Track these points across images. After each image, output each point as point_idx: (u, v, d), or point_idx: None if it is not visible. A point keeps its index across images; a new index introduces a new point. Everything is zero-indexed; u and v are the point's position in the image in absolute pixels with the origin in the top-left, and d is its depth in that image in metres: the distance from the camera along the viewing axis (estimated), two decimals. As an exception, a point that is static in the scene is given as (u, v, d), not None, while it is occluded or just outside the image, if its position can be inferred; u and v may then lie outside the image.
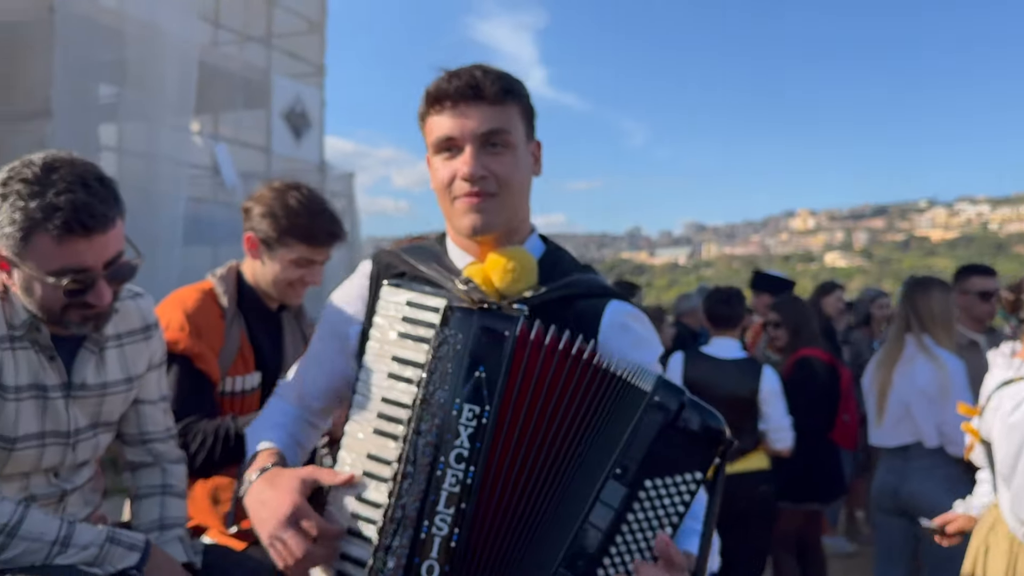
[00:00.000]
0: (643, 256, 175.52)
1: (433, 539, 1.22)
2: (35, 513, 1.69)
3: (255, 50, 10.78)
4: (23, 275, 1.69)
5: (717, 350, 4.03)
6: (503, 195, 1.44)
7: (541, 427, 1.25)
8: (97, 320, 1.78)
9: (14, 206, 1.62)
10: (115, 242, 1.73)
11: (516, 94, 1.46)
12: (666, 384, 1.24)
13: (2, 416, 1.74)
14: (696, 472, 1.20)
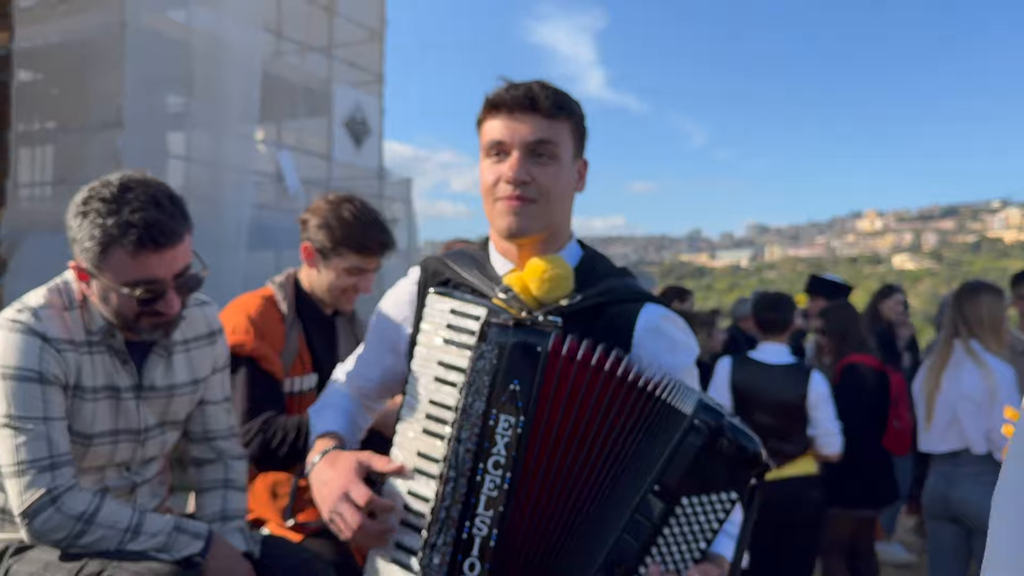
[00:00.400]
0: (703, 258, 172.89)
1: (474, 539, 1.32)
2: (110, 502, 1.84)
3: (316, 60, 11.04)
4: (101, 285, 1.84)
5: (765, 355, 4.05)
6: (542, 202, 1.53)
7: (576, 437, 1.31)
8: (167, 327, 1.93)
9: (93, 223, 1.78)
10: (183, 256, 1.88)
11: (569, 112, 1.55)
12: (706, 407, 1.28)
13: (80, 415, 1.89)
14: (732, 492, 1.25)
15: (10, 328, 1.83)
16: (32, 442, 1.78)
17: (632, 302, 1.56)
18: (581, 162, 1.62)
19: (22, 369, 1.80)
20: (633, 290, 1.59)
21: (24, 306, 1.87)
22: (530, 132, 1.50)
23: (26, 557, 1.85)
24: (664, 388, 1.30)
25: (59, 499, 1.77)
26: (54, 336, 1.85)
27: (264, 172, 10.26)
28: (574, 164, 1.59)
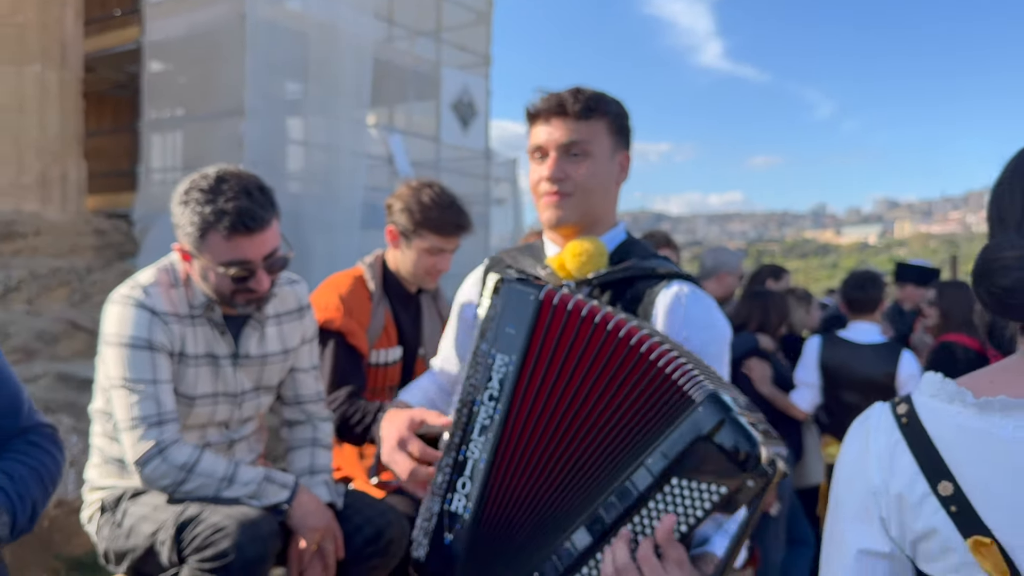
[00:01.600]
0: (828, 235, 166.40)
1: (467, 460, 1.46)
2: (208, 455, 2.09)
3: (425, 44, 11.30)
4: (200, 265, 2.08)
5: (854, 334, 4.03)
6: (578, 195, 1.68)
7: (564, 381, 1.40)
8: (258, 302, 2.16)
9: (193, 211, 2.02)
10: (272, 239, 2.10)
11: (603, 111, 1.69)
12: (714, 398, 1.28)
13: (185, 379, 2.14)
14: (721, 486, 1.25)
15: (124, 303, 2.09)
16: (143, 401, 2.03)
17: (660, 279, 1.67)
18: (623, 155, 1.75)
19: (135, 338, 2.06)
20: (660, 266, 1.70)
21: (136, 284, 2.13)
22: (563, 135, 1.66)
23: (139, 501, 2.12)
24: (683, 374, 1.32)
25: (165, 451, 2.02)
26: (161, 310, 2.10)
27: (376, 155, 10.60)
28: (613, 158, 1.72)
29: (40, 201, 8.86)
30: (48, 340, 8.38)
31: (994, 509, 0.96)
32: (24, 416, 1.69)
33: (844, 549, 1.06)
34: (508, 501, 1.44)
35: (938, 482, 0.99)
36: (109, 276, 8.84)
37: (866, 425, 1.09)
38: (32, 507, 1.58)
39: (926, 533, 1.00)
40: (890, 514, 1.03)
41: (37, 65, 8.74)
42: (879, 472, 1.04)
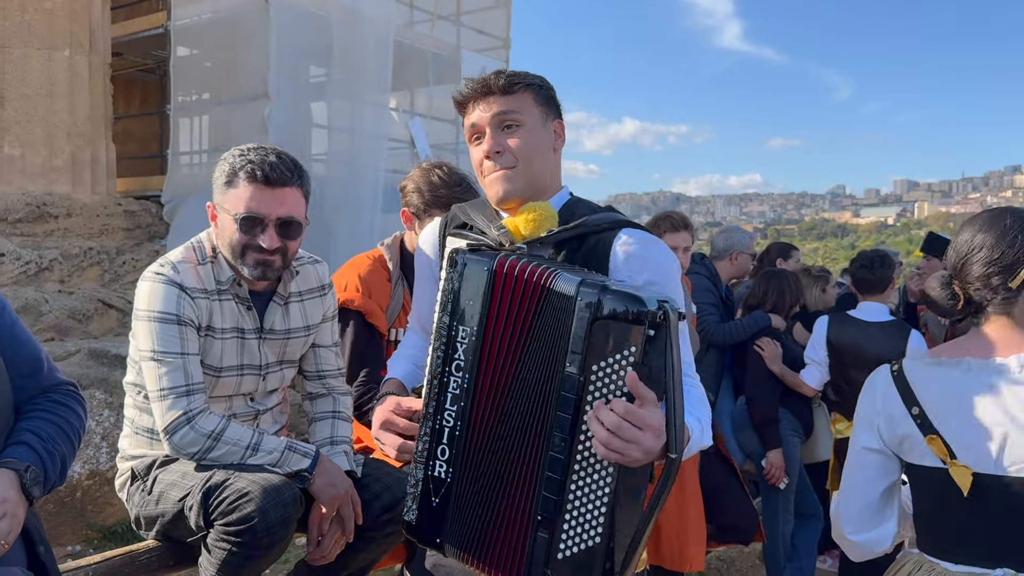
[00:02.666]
0: (847, 216, 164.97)
1: (444, 429, 1.58)
2: (234, 424, 2.22)
3: (445, 28, 11.36)
4: (222, 219, 2.24)
5: (863, 313, 4.10)
6: (520, 165, 1.75)
7: (516, 340, 1.53)
8: (264, 267, 2.25)
9: (227, 162, 2.22)
10: (291, 202, 2.23)
11: (526, 84, 1.77)
12: (587, 283, 1.46)
13: (212, 351, 2.27)
14: (630, 347, 1.40)
15: (154, 280, 2.23)
16: (172, 372, 2.17)
17: (609, 230, 1.74)
18: (556, 123, 1.82)
19: (164, 313, 2.19)
20: (608, 219, 1.76)
21: (166, 261, 2.27)
22: (491, 109, 1.74)
23: (169, 468, 2.26)
24: (548, 277, 1.49)
25: (193, 419, 2.16)
26: (189, 286, 2.23)
27: (397, 138, 10.71)
28: (546, 126, 1.79)
29: (71, 183, 9.06)
30: (80, 318, 8.61)
31: (940, 420, 1.70)
32: (45, 375, 1.79)
33: (854, 447, 1.86)
34: (484, 457, 1.56)
35: (911, 407, 1.74)
36: (139, 256, 9.04)
37: (874, 378, 1.86)
38: (61, 462, 1.69)
39: (904, 436, 1.75)
40: (883, 427, 1.79)
41: (66, 50, 8.91)
42: (879, 402, 1.80)
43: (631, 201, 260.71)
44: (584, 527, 1.47)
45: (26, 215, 8.60)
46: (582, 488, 1.46)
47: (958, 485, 1.66)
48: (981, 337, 1.78)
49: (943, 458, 1.68)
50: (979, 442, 1.66)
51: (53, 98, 8.86)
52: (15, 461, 1.58)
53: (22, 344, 1.76)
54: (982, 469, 1.66)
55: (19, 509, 1.53)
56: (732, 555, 5.21)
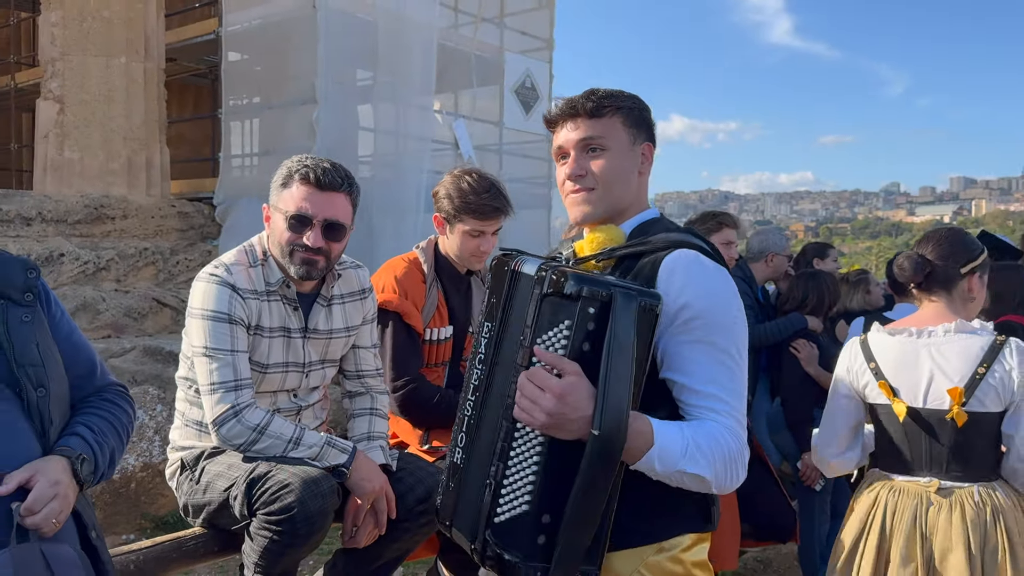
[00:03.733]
0: (901, 214, 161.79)
1: (464, 419, 1.69)
2: (278, 419, 2.35)
3: (488, 30, 11.47)
4: (275, 219, 2.38)
5: (898, 315, 4.10)
6: (600, 188, 1.77)
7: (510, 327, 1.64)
8: (309, 266, 2.39)
9: (285, 167, 2.38)
10: (337, 206, 2.37)
11: (615, 107, 1.78)
12: (544, 265, 1.57)
13: (259, 349, 2.41)
14: (565, 321, 1.49)
15: (208, 280, 2.37)
16: (222, 368, 2.30)
17: (662, 250, 1.70)
18: (644, 145, 1.83)
19: (217, 312, 2.33)
20: (666, 240, 1.74)
21: (220, 263, 2.41)
22: (579, 133, 1.77)
23: (216, 459, 2.40)
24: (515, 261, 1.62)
25: (240, 413, 2.29)
26: (241, 287, 2.37)
27: (441, 140, 10.84)
28: (632, 149, 1.80)
29: (127, 186, 9.36)
30: (136, 316, 8.90)
31: (888, 371, 2.50)
32: (98, 377, 1.93)
33: (833, 394, 2.67)
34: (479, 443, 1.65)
35: (870, 362, 2.55)
36: (192, 256, 9.32)
37: (849, 346, 2.66)
38: (111, 455, 1.83)
39: (865, 383, 2.56)
40: (852, 379, 2.60)
41: (123, 57, 9.21)
42: (850, 361, 2.62)
43: (678, 200, 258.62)
44: (515, 493, 1.53)
45: (84, 216, 8.91)
46: (519, 455, 1.53)
47: (897, 416, 2.46)
48: (920, 314, 2.61)
49: (888, 397, 2.49)
50: (913, 385, 2.46)
51: (110, 103, 9.17)
52: (69, 450, 1.72)
53: (79, 349, 1.90)
54: (914, 404, 2.45)
55: (70, 492, 1.67)
56: (769, 556, 5.24)
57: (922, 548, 2.40)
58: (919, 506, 2.43)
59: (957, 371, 2.42)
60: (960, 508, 2.38)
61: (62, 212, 8.77)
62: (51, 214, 8.69)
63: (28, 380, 1.68)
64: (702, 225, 3.88)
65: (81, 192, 9.01)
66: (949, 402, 2.39)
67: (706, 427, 1.57)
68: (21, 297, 1.73)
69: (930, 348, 2.45)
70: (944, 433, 2.41)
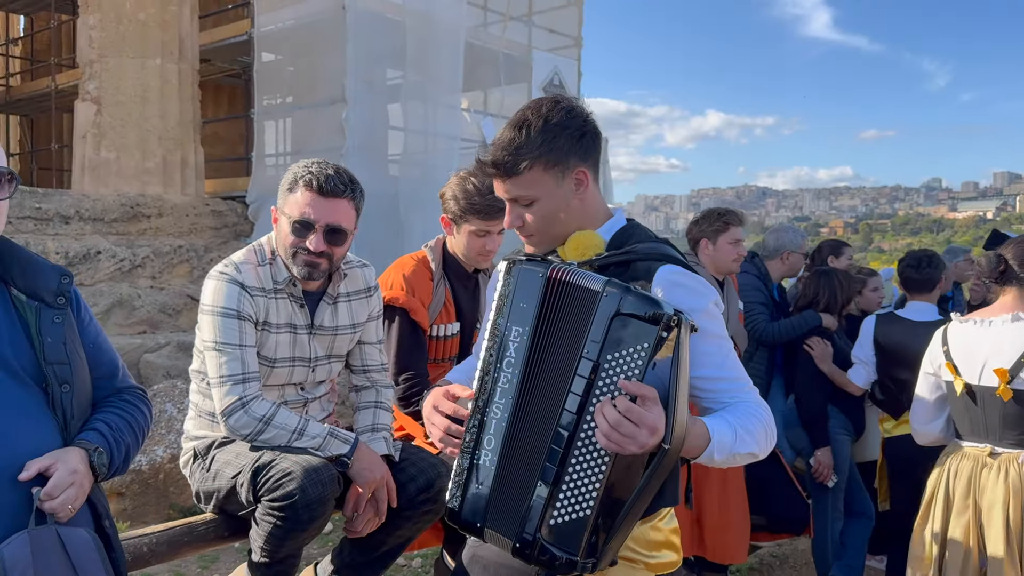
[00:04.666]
0: (942, 210, 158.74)
1: (491, 421, 1.71)
2: (283, 410, 2.45)
3: (516, 28, 11.54)
4: (282, 222, 2.49)
5: (910, 313, 4.11)
6: (540, 232, 1.85)
7: (557, 336, 1.67)
8: (311, 269, 2.48)
9: (293, 172, 2.47)
10: (342, 213, 2.47)
11: (531, 159, 1.77)
12: (611, 283, 1.62)
13: (267, 344, 2.51)
14: (643, 343, 1.54)
15: (219, 278, 2.48)
16: (231, 362, 2.41)
17: (655, 261, 1.79)
18: (575, 172, 1.82)
19: (226, 308, 2.44)
20: (656, 253, 1.82)
21: (230, 262, 2.52)
22: (504, 192, 1.84)
23: (225, 448, 2.50)
24: (574, 275, 1.64)
25: (247, 404, 2.39)
26: (250, 284, 2.47)
27: (469, 139, 10.95)
28: (561, 187, 1.81)
29: (162, 185, 9.58)
30: (170, 312, 9.12)
31: (956, 355, 2.96)
32: (119, 379, 2.03)
33: (922, 373, 3.13)
34: (521, 445, 1.69)
35: (944, 346, 3.00)
36: (225, 253, 9.50)
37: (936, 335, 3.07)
38: (126, 451, 1.92)
39: (939, 364, 3.02)
40: (931, 358, 3.07)
41: (158, 58, 9.44)
42: (932, 344, 3.07)
43: (714, 196, 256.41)
44: (578, 499, 1.61)
45: (121, 215, 9.15)
46: (581, 463, 1.60)
47: (956, 391, 2.93)
48: (993, 306, 2.97)
49: (952, 375, 2.95)
50: (973, 365, 2.90)
51: (146, 104, 9.40)
52: (87, 443, 1.83)
53: (104, 352, 2.01)
54: (971, 382, 2.89)
55: (86, 481, 1.78)
56: (785, 551, 5.27)
57: (975, 503, 2.90)
58: (975, 467, 2.92)
59: (1007, 354, 2.81)
60: (1005, 470, 2.83)
61: (99, 211, 9.01)
62: (88, 212, 8.94)
63: (54, 376, 1.79)
64: (709, 225, 3.91)
65: (118, 191, 9.25)
66: (998, 381, 2.80)
67: (743, 409, 1.73)
68: (54, 300, 1.85)
69: (990, 334, 2.89)
70: (995, 407, 2.85)
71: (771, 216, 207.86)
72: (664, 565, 1.83)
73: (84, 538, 1.77)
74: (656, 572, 1.82)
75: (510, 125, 1.84)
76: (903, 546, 4.22)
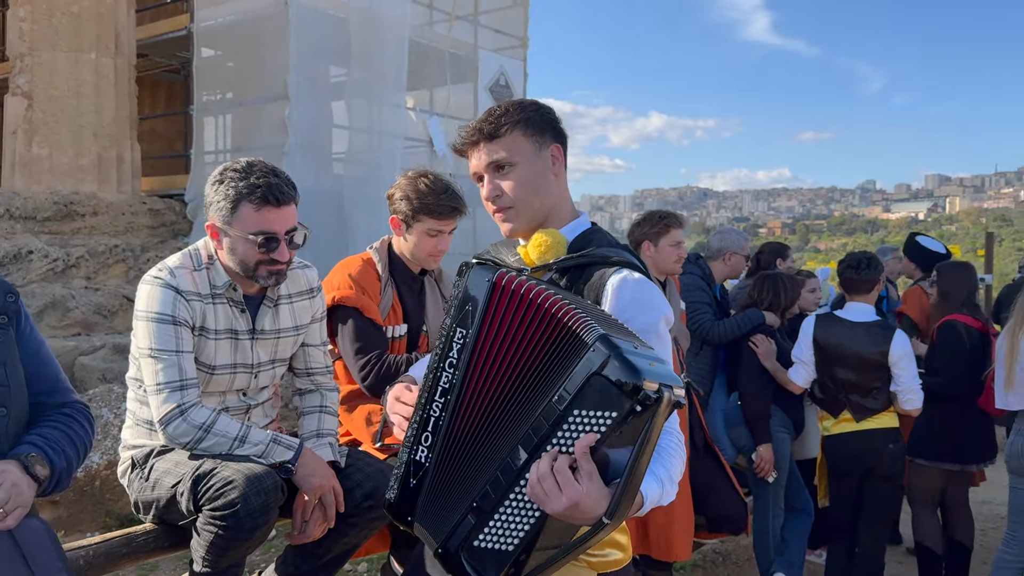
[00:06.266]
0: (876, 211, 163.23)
1: (430, 419, 1.71)
2: (224, 417, 2.40)
3: (462, 28, 11.48)
4: (230, 239, 2.40)
5: (849, 314, 4.20)
6: (518, 204, 1.85)
7: (511, 353, 1.63)
8: (277, 275, 2.46)
9: (228, 186, 2.37)
10: (293, 217, 2.42)
11: (512, 123, 1.83)
12: (604, 338, 1.52)
13: (205, 351, 2.45)
14: (612, 412, 1.48)
15: (152, 283, 2.41)
16: (167, 368, 2.35)
17: (611, 267, 1.81)
18: (552, 147, 1.88)
19: (161, 314, 2.37)
20: (612, 257, 1.84)
21: (164, 266, 2.45)
22: (485, 157, 1.84)
23: (164, 457, 2.44)
24: (579, 321, 1.55)
25: (186, 412, 2.34)
26: (185, 289, 2.41)
27: (415, 137, 10.87)
28: (539, 156, 1.86)
29: (97, 182, 9.32)
30: (106, 314, 8.88)
31: None
32: (61, 393, 1.96)
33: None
34: (460, 449, 1.69)
35: None
36: (163, 253, 9.29)
37: None
38: (67, 462, 1.84)
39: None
40: None
41: (93, 52, 9.17)
42: None
43: (658, 196, 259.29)
44: (506, 532, 1.60)
45: (54, 213, 8.87)
46: (518, 503, 1.59)
47: None
48: None
49: None
50: None
51: (80, 99, 9.13)
52: (18, 453, 1.76)
53: (46, 364, 1.94)
54: None
55: (21, 483, 1.70)
56: (728, 548, 5.34)
57: None
58: None
59: None
60: None
61: (31, 209, 8.74)
62: (19, 211, 8.66)
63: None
64: (650, 228, 3.94)
65: (50, 189, 8.97)
66: None
67: (664, 448, 1.71)
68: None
69: None
70: None
71: (712, 217, 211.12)
72: (610, 564, 1.83)
73: (36, 526, 1.72)
74: (601, 571, 1.82)
75: (488, 109, 1.88)
76: (842, 541, 4.35)
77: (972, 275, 4.76)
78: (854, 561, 4.30)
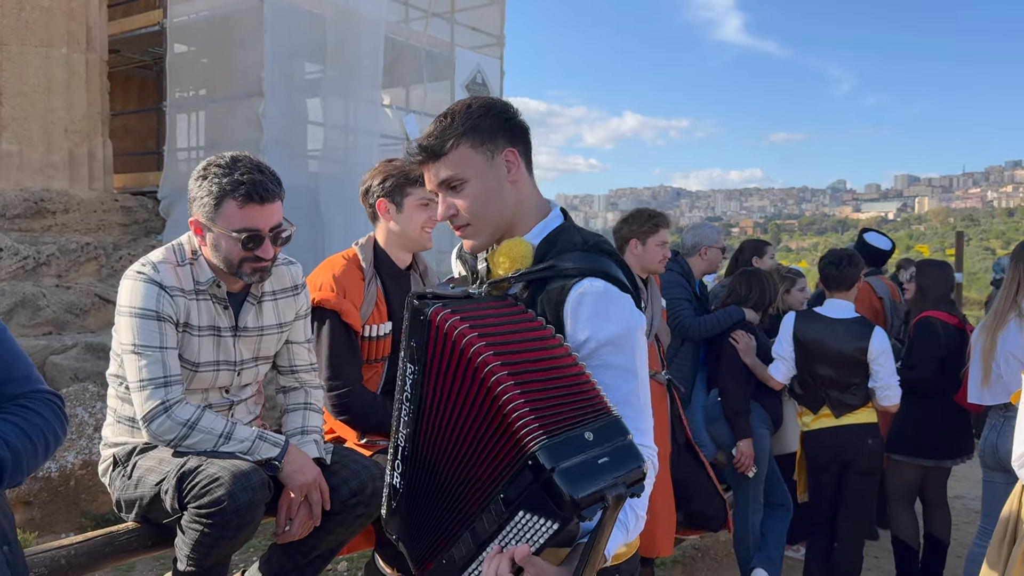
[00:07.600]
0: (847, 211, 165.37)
1: (399, 447, 1.68)
2: (208, 414, 2.37)
3: (439, 25, 11.46)
4: (213, 236, 2.36)
5: (829, 311, 4.24)
6: (476, 221, 1.76)
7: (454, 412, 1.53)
8: (262, 272, 2.42)
9: (211, 183, 2.32)
10: (278, 214, 2.38)
11: (456, 136, 1.72)
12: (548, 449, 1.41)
13: (189, 347, 2.42)
14: (553, 522, 1.40)
15: (136, 278, 2.37)
16: (151, 365, 2.31)
17: (572, 278, 1.69)
18: (505, 153, 1.75)
19: (144, 309, 2.34)
20: (578, 263, 1.72)
21: (147, 261, 2.41)
22: (434, 177, 1.78)
23: (148, 455, 2.40)
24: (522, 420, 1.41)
25: (170, 408, 2.30)
26: (168, 284, 2.38)
27: (391, 135, 10.84)
28: (491, 166, 1.75)
29: (69, 179, 9.19)
30: (78, 312, 8.75)
31: None
32: (21, 383, 1.81)
33: None
34: (424, 485, 1.65)
35: None
36: (136, 251, 9.17)
37: None
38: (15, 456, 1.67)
39: None
40: None
41: (64, 47, 9.04)
42: None
43: (632, 196, 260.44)
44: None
45: (24, 211, 8.74)
46: None
47: None
48: None
49: None
50: None
51: (50, 95, 8.99)
52: None
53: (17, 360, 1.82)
54: None
55: None
56: (707, 543, 5.37)
57: None
58: None
59: None
60: None
61: (0, 206, 8.60)
62: (-12, 208, 8.52)
63: None
64: (639, 226, 3.94)
65: (20, 186, 8.83)
66: None
67: None
68: None
69: None
70: None
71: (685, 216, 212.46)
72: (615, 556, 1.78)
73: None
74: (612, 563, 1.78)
75: (435, 119, 1.80)
76: (821, 536, 4.39)
77: (950, 273, 4.82)
78: (833, 556, 4.34)
